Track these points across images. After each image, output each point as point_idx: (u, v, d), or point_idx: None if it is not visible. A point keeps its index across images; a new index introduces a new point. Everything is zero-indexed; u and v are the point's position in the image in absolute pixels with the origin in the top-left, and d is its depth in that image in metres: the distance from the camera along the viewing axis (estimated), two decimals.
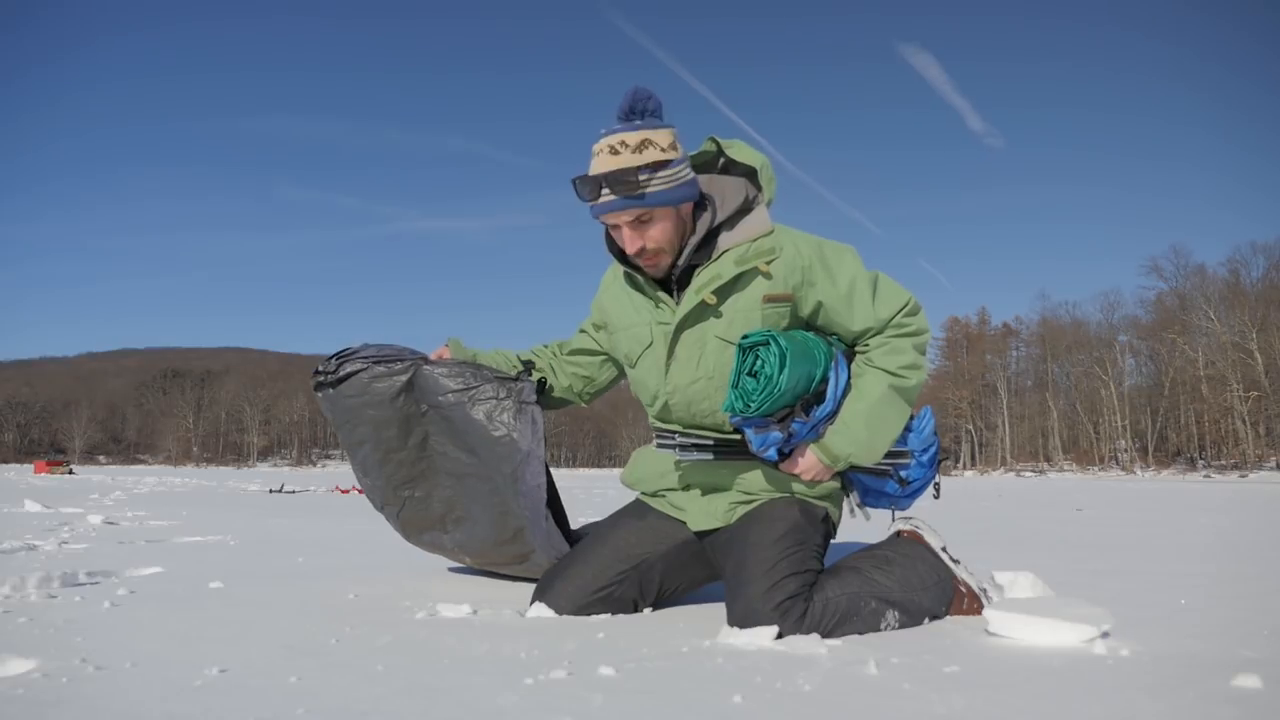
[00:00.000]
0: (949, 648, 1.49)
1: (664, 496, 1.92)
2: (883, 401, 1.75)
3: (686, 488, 1.88)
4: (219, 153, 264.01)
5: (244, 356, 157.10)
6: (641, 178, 1.70)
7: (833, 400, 1.73)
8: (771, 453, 1.72)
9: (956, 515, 5.90)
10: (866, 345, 1.82)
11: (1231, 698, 1.17)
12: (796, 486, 1.81)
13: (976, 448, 66.38)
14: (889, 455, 1.83)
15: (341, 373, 2.03)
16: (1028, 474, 45.88)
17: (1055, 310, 66.41)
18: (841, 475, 1.87)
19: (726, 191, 1.84)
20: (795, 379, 1.66)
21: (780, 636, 1.54)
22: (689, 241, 1.80)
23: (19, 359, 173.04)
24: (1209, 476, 34.96)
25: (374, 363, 2.01)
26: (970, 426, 66.80)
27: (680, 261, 1.80)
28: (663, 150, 1.71)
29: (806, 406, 1.71)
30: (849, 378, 1.78)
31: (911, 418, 1.89)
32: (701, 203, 1.82)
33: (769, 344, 1.66)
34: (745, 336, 1.71)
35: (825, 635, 1.56)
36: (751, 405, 1.66)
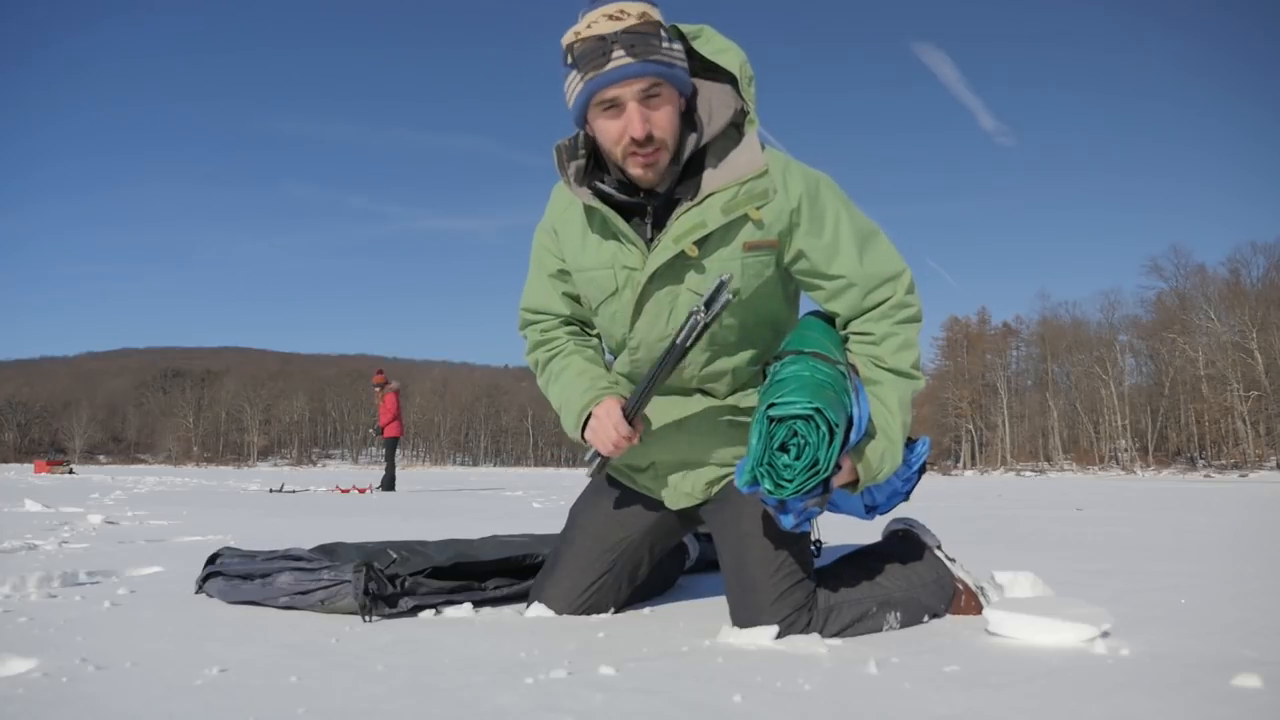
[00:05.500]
0: (949, 647, 1.49)
1: (632, 475, 1.80)
2: (904, 414, 1.57)
3: (651, 466, 1.75)
4: (223, 153, 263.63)
5: (244, 356, 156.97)
6: (664, 40, 1.49)
7: (857, 438, 1.49)
8: (805, 526, 1.51)
9: (957, 515, 5.90)
10: (870, 334, 1.60)
11: (1231, 698, 1.17)
12: None
13: (976, 447, 66.38)
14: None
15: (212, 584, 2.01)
16: (1028, 474, 45.84)
17: (1055, 310, 66.72)
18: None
19: (714, 103, 1.58)
20: (839, 448, 1.42)
21: (781, 636, 1.54)
22: (679, 158, 1.56)
23: (19, 359, 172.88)
24: (1209, 476, 34.93)
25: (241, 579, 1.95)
26: (970, 426, 66.82)
27: (661, 189, 1.57)
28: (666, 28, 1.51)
29: None
30: (867, 403, 1.54)
31: (912, 445, 1.71)
32: (685, 116, 1.57)
33: (811, 418, 1.41)
34: (773, 405, 1.44)
35: (827, 637, 1.56)
36: (786, 486, 1.41)
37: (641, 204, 1.60)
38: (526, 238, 1.85)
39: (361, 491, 10.57)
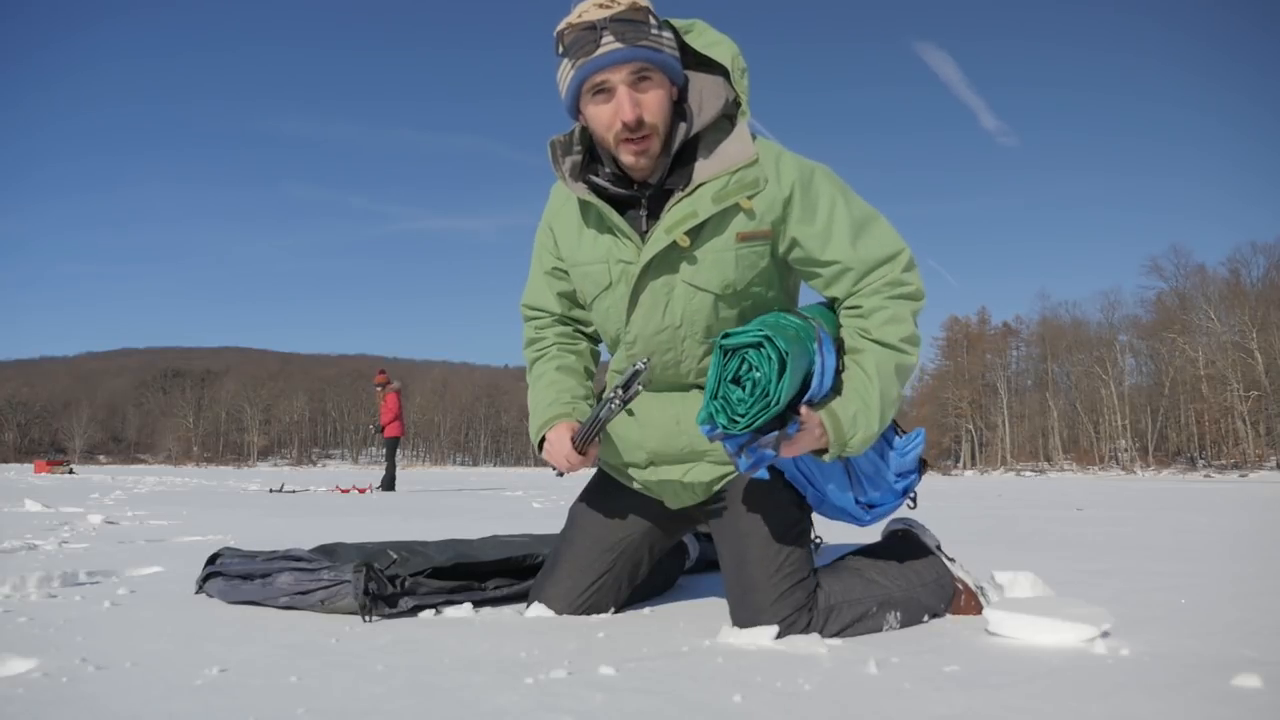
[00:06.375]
0: (949, 647, 1.49)
1: (631, 475, 1.78)
2: (885, 383, 1.52)
3: (650, 465, 1.72)
4: (223, 153, 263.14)
5: (244, 356, 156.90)
6: (652, 28, 1.50)
7: (819, 389, 1.48)
8: (762, 472, 1.50)
9: (957, 515, 5.90)
10: (859, 306, 1.58)
11: (1231, 698, 1.17)
12: None
13: (977, 447, 66.41)
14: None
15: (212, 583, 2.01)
16: (1028, 473, 45.84)
17: (1055, 310, 66.81)
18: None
19: (704, 94, 1.59)
20: (794, 385, 1.41)
21: (781, 636, 1.54)
22: (669, 148, 1.56)
23: (19, 359, 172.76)
24: (1209, 476, 34.93)
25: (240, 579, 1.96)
26: (970, 426, 66.86)
27: (653, 180, 1.58)
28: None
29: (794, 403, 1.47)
30: (836, 360, 1.53)
31: (900, 435, 1.70)
32: (676, 107, 1.58)
33: (762, 346, 1.40)
34: (726, 335, 1.45)
35: (827, 637, 1.56)
36: (739, 420, 1.39)
37: (636, 196, 1.60)
38: (526, 237, 1.86)
39: (361, 491, 10.57)
